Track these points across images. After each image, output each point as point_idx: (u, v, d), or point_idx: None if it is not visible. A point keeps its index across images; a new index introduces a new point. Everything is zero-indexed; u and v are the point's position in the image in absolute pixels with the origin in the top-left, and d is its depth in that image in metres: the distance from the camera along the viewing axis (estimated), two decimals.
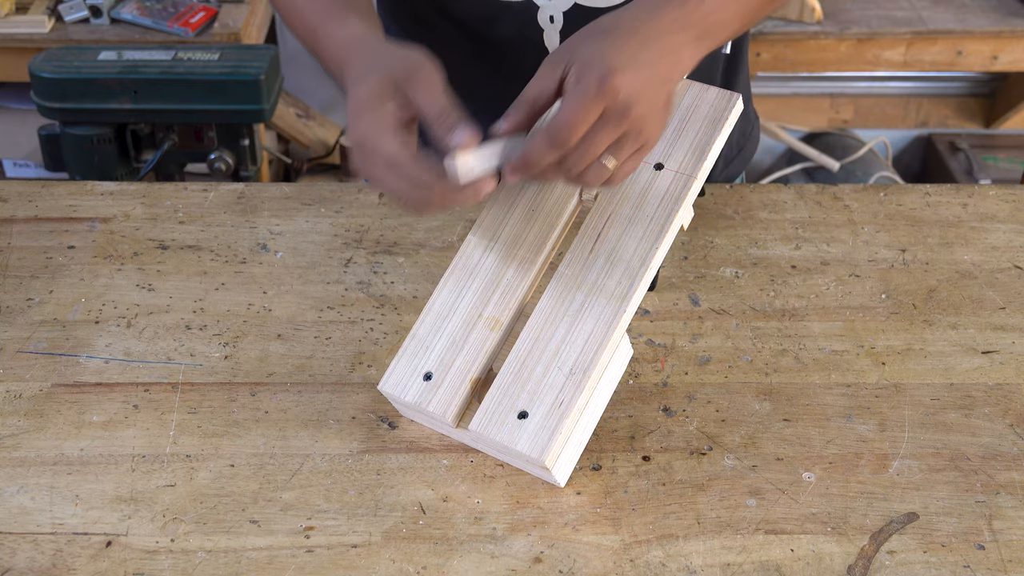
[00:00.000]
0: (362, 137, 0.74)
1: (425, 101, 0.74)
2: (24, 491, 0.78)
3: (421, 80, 0.75)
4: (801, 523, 0.77)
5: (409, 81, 0.75)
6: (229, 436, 0.83)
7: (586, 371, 0.75)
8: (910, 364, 0.90)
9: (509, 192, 0.83)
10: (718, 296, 0.97)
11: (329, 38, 0.83)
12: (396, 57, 0.77)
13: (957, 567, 0.74)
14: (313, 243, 1.03)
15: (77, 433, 0.83)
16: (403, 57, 0.77)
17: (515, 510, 0.77)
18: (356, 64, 0.79)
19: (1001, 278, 1.00)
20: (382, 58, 0.78)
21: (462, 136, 0.72)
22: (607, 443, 0.82)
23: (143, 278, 0.99)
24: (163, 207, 1.08)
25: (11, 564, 0.73)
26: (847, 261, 1.01)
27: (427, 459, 0.81)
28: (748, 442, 0.83)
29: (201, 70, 1.78)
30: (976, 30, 2.31)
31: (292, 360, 0.90)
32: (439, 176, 0.73)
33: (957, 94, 2.81)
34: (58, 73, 1.77)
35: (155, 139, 1.86)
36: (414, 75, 0.75)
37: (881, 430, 0.84)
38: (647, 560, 0.74)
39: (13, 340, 0.92)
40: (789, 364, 0.90)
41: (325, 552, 0.74)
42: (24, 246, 1.02)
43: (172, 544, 0.75)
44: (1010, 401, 0.87)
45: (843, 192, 1.11)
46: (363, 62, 0.78)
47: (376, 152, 0.74)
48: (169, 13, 2.20)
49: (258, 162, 1.91)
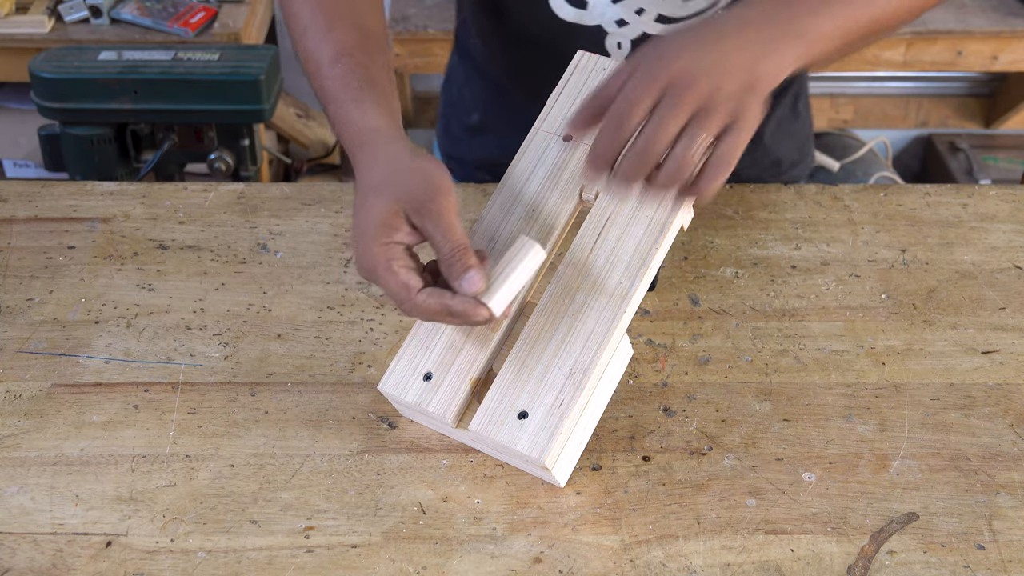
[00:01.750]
0: (370, 267, 0.73)
1: (439, 236, 0.73)
2: (24, 491, 0.78)
3: (435, 211, 0.72)
4: (801, 523, 0.77)
5: (423, 211, 0.73)
6: (229, 436, 0.83)
7: (586, 371, 0.75)
8: (910, 364, 0.90)
9: (509, 193, 0.83)
10: (718, 296, 0.97)
11: (347, 120, 0.80)
12: (412, 175, 0.75)
13: (957, 567, 0.74)
14: (313, 243, 1.03)
15: (77, 433, 0.83)
16: (420, 177, 0.74)
17: (515, 510, 0.77)
18: (370, 167, 0.77)
19: (1001, 278, 1.00)
20: (398, 174, 0.75)
21: (474, 284, 0.72)
22: (607, 443, 0.82)
23: (143, 278, 0.99)
24: (163, 207, 1.08)
25: (11, 564, 0.73)
26: (847, 261, 1.01)
27: (427, 459, 0.81)
28: (748, 442, 0.83)
29: (201, 70, 1.78)
30: (976, 30, 2.31)
31: (292, 360, 0.90)
32: (446, 310, 0.72)
33: (957, 94, 2.81)
34: (58, 73, 1.77)
35: (155, 139, 1.86)
36: (429, 203, 0.73)
37: (881, 430, 0.84)
38: (647, 560, 0.74)
39: (13, 340, 0.92)
40: (789, 364, 0.90)
41: (325, 552, 0.74)
42: (24, 246, 1.02)
43: (172, 544, 0.75)
44: (1010, 401, 0.87)
45: (843, 192, 1.11)
46: (378, 169, 0.76)
47: (381, 283, 0.74)
48: (169, 13, 2.20)
49: (258, 162, 1.91)
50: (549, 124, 0.85)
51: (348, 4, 0.85)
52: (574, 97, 0.85)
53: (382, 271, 0.73)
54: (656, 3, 0.95)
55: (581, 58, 0.87)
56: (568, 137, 0.83)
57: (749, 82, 0.71)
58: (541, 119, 0.85)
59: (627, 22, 0.96)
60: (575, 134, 0.74)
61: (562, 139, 0.83)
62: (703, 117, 0.70)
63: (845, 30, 0.76)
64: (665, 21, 0.96)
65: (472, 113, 1.16)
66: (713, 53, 0.71)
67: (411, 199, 0.73)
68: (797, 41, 0.74)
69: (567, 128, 0.75)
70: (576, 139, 0.83)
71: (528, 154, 0.84)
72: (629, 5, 0.95)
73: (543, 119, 0.85)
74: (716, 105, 0.70)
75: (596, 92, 0.74)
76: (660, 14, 0.95)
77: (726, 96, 0.70)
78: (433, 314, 0.73)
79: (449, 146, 1.21)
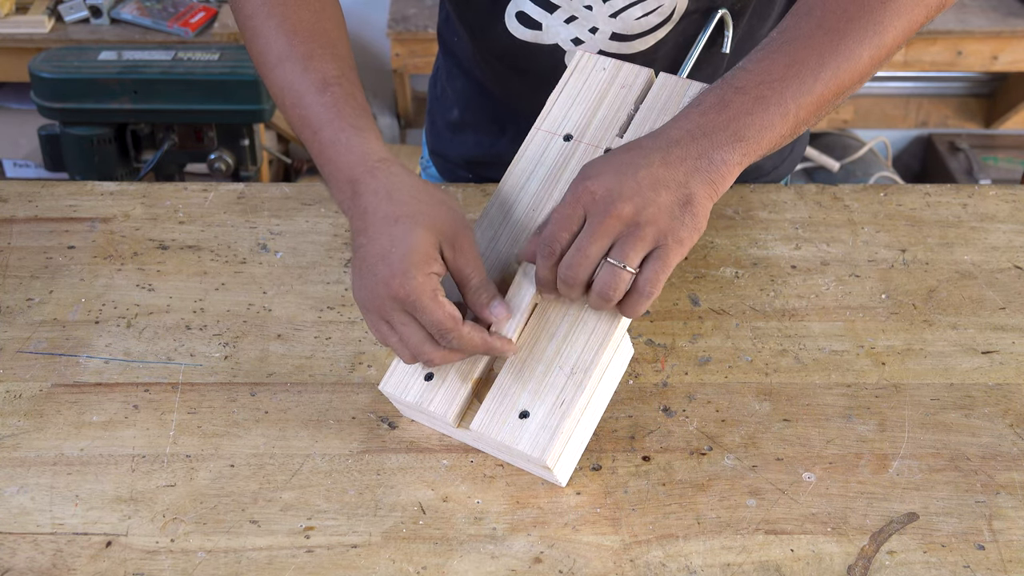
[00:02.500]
0: (410, 296, 0.72)
1: (469, 269, 0.75)
2: (24, 491, 0.78)
3: (466, 244, 0.75)
4: (801, 523, 0.77)
5: (455, 244, 0.75)
6: (229, 436, 0.83)
7: (587, 371, 0.75)
8: (910, 364, 0.90)
9: (509, 193, 0.83)
10: (718, 296, 0.97)
11: (347, 147, 0.78)
12: (439, 207, 0.76)
13: (957, 567, 0.74)
14: (313, 243, 1.03)
15: (77, 433, 0.83)
16: (446, 209, 0.76)
17: (515, 510, 0.77)
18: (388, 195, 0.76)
19: (1001, 278, 1.00)
20: (427, 206, 0.75)
21: (502, 312, 0.76)
22: (607, 443, 0.82)
23: (143, 278, 0.99)
24: (163, 207, 1.08)
25: (11, 564, 0.73)
26: (847, 261, 1.01)
27: (427, 459, 0.81)
28: (748, 442, 0.83)
29: (201, 70, 1.78)
30: (976, 30, 2.31)
31: (292, 360, 0.90)
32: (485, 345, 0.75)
33: (957, 94, 2.81)
34: (58, 73, 1.77)
35: (155, 139, 1.87)
36: (460, 237, 0.75)
37: (881, 430, 0.84)
38: (647, 560, 0.74)
39: (13, 340, 0.92)
40: (789, 364, 0.90)
41: (325, 552, 0.74)
42: (24, 246, 1.02)
43: (172, 544, 0.75)
44: (1010, 401, 0.87)
45: (843, 192, 1.11)
46: (402, 199, 0.75)
47: (424, 313, 0.73)
48: (169, 13, 2.20)
49: (258, 162, 1.91)
50: (549, 124, 0.85)
51: (324, 35, 0.84)
52: (574, 97, 0.85)
53: (428, 300, 0.72)
54: (609, 22, 0.95)
55: (581, 58, 0.87)
56: (568, 136, 0.83)
57: (679, 200, 0.71)
58: (541, 119, 0.85)
59: (582, 40, 0.97)
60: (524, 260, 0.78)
61: (562, 139, 0.84)
62: (624, 243, 0.71)
63: (791, 117, 0.74)
64: (619, 39, 0.97)
65: (453, 109, 1.17)
66: (638, 174, 0.71)
67: (444, 231, 0.75)
68: (737, 145, 0.72)
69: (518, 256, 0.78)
70: (576, 138, 0.83)
71: (528, 154, 0.84)
72: (583, 24, 0.96)
73: (543, 119, 0.85)
74: (638, 229, 0.71)
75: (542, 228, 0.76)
76: (614, 32, 0.96)
77: (649, 218, 0.71)
78: (473, 347, 0.74)
79: (434, 141, 1.22)
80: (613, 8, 0.94)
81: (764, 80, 0.73)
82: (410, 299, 0.72)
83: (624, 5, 0.94)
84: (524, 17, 0.97)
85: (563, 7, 0.95)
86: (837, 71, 0.74)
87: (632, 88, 0.84)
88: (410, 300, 0.72)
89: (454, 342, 0.74)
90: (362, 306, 0.76)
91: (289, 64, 0.82)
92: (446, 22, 1.14)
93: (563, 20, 0.96)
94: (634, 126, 0.83)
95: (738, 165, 0.73)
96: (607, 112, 0.84)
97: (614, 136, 0.83)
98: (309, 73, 0.81)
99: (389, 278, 0.73)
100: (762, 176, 1.17)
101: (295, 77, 0.82)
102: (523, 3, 0.96)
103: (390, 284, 0.73)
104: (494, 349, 0.76)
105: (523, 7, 0.96)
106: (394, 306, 0.74)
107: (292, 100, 0.82)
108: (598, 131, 0.83)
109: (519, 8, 0.96)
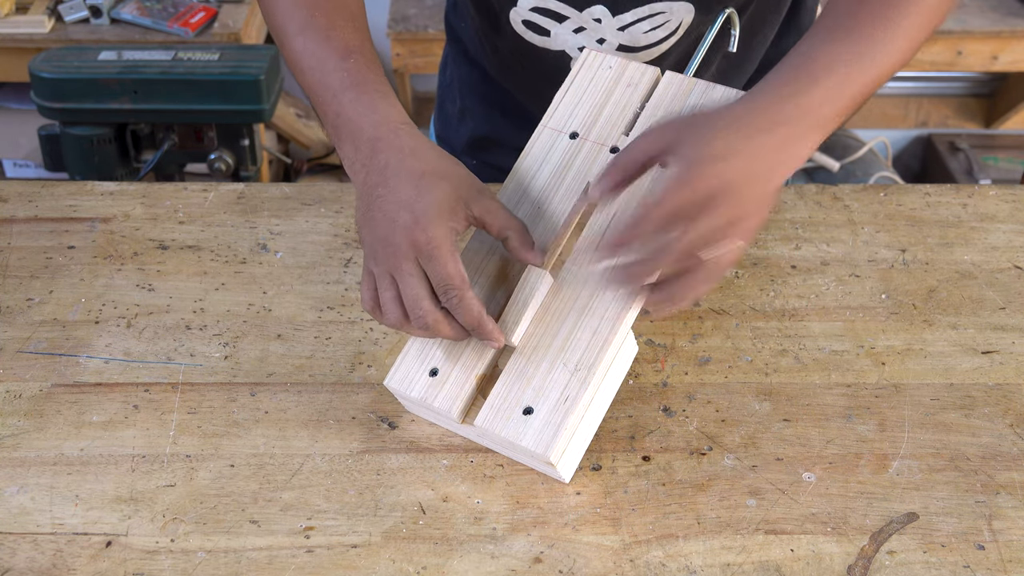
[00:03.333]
0: (429, 245, 0.72)
1: (503, 218, 0.76)
2: (24, 491, 0.78)
3: (491, 200, 0.77)
4: (801, 523, 0.77)
5: (480, 201, 0.76)
6: (229, 436, 0.83)
7: (591, 367, 0.75)
8: (910, 364, 0.90)
9: (515, 190, 0.83)
10: (718, 296, 0.97)
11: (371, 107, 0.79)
12: (460, 167, 0.77)
13: (957, 567, 0.74)
14: (313, 243, 1.03)
15: (77, 433, 0.83)
16: (466, 172, 0.77)
17: (515, 510, 0.77)
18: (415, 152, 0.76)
19: (1001, 278, 1.00)
20: (453, 165, 0.77)
21: (538, 259, 0.77)
22: (607, 443, 0.82)
23: (143, 278, 0.99)
24: (163, 207, 1.08)
25: (11, 564, 0.73)
26: (847, 261, 1.01)
27: (427, 459, 0.81)
28: (748, 442, 0.83)
29: (201, 70, 1.78)
30: (976, 30, 2.31)
31: (292, 360, 0.90)
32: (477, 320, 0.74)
33: (957, 94, 2.81)
34: (58, 73, 1.77)
35: (155, 139, 1.86)
36: (484, 194, 0.76)
37: (881, 430, 0.84)
38: (647, 560, 0.74)
39: (13, 340, 0.92)
40: (789, 364, 0.90)
41: (325, 552, 0.74)
42: (24, 246, 1.02)
43: (172, 544, 0.75)
44: (1010, 401, 0.87)
45: (843, 192, 1.11)
46: (429, 156, 0.76)
47: (438, 265, 0.73)
48: (169, 13, 2.20)
49: (258, 162, 1.91)
50: (556, 121, 0.85)
51: (345, 8, 0.85)
52: (580, 95, 0.85)
53: (446, 252, 0.73)
54: (617, 35, 0.96)
55: (587, 56, 0.87)
56: (575, 134, 0.84)
57: (767, 194, 0.71)
58: (548, 116, 0.85)
59: None
60: (601, 197, 0.74)
61: (568, 136, 0.84)
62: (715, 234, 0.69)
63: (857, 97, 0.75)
64: (626, 50, 0.97)
65: (457, 96, 1.17)
66: (746, 161, 0.69)
67: (468, 189, 0.76)
68: (815, 133, 0.73)
69: (592, 190, 0.75)
70: (582, 136, 0.83)
71: (534, 151, 0.84)
72: (591, 35, 0.96)
73: (550, 116, 0.85)
74: (729, 224, 0.69)
75: (619, 161, 0.73)
76: (621, 44, 0.97)
77: (743, 216, 0.70)
78: (468, 316, 0.74)
79: (441, 128, 1.23)
80: (622, 22, 0.95)
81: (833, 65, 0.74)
82: (430, 246, 0.72)
83: (633, 20, 0.94)
84: (532, 24, 0.97)
85: (572, 18, 0.96)
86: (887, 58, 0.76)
87: (638, 87, 0.85)
88: (429, 247, 0.72)
89: (454, 301, 0.73)
90: (372, 253, 0.76)
91: (311, 32, 0.83)
92: (454, 8, 1.15)
93: (571, 30, 0.97)
94: (640, 124, 0.83)
95: (805, 159, 0.74)
96: (613, 110, 0.84)
97: (620, 134, 0.83)
98: (331, 42, 0.82)
99: (412, 224, 0.73)
100: None
101: (316, 45, 0.82)
102: (531, 13, 0.96)
103: (412, 230, 0.73)
104: (484, 329, 0.75)
105: (531, 17, 0.96)
106: (408, 253, 0.73)
107: (312, 65, 0.82)
108: (604, 129, 0.83)
109: (525, 17, 0.97)
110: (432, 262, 0.73)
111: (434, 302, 0.74)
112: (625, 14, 0.94)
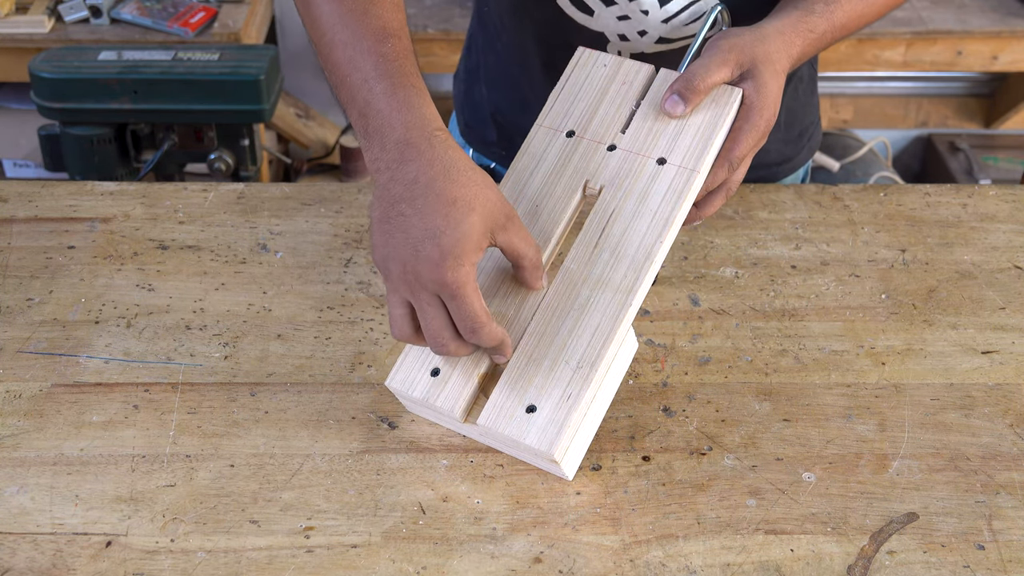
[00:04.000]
0: (456, 284, 0.70)
1: (524, 247, 0.76)
2: (24, 491, 0.78)
3: (517, 225, 0.75)
4: (801, 523, 0.77)
5: (506, 226, 0.74)
6: (229, 436, 0.83)
7: (593, 364, 0.75)
8: (910, 364, 0.90)
9: (512, 189, 0.83)
10: (718, 296, 0.97)
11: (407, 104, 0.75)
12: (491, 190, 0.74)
13: (957, 567, 0.74)
14: (313, 243, 1.03)
15: (77, 433, 0.83)
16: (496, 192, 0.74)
17: (515, 510, 0.77)
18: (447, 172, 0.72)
19: (1001, 278, 1.00)
20: (484, 190, 0.73)
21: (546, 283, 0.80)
22: (607, 443, 0.82)
23: (143, 278, 0.99)
24: (163, 207, 1.08)
25: (11, 564, 0.73)
26: (847, 261, 1.01)
27: (427, 459, 0.81)
28: (748, 442, 0.83)
29: (201, 70, 1.78)
30: (976, 30, 2.31)
31: (292, 360, 0.90)
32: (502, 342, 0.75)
33: (957, 94, 2.81)
34: (58, 73, 1.77)
35: (155, 139, 1.87)
36: (511, 219, 0.74)
37: (881, 430, 0.84)
38: (647, 560, 0.74)
39: (13, 340, 0.92)
40: (789, 364, 0.90)
41: (325, 552, 0.74)
42: (24, 246, 1.02)
43: (172, 544, 0.75)
44: (1010, 401, 0.87)
45: (843, 192, 1.11)
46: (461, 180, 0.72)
47: (463, 303, 0.71)
48: (169, 13, 2.20)
49: (258, 162, 1.91)
50: (551, 120, 0.85)
51: None
52: (575, 93, 0.85)
53: (471, 291, 0.71)
54: (660, 27, 0.97)
55: (581, 55, 0.87)
56: (571, 133, 0.84)
57: None
58: (543, 115, 0.85)
59: (629, 39, 0.99)
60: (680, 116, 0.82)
61: (565, 135, 0.84)
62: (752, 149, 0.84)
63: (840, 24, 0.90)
64: (664, 42, 0.99)
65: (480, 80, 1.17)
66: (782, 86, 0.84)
67: (496, 216, 0.73)
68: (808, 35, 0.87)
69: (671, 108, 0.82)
70: (579, 134, 0.83)
71: (530, 150, 0.84)
72: (633, 25, 0.97)
73: (545, 115, 0.85)
74: None
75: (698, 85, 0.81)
76: (661, 36, 0.98)
77: None
78: (491, 343, 0.74)
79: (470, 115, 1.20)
80: (667, 14, 0.96)
81: None
82: (454, 286, 0.70)
83: (677, 10, 0.96)
84: (578, 2, 0.98)
85: (620, 4, 0.96)
86: None
87: (633, 85, 0.85)
88: (454, 287, 0.70)
89: (481, 336, 0.73)
90: (389, 277, 0.73)
91: (349, 2, 0.78)
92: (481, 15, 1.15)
93: (616, 16, 0.97)
94: (636, 123, 0.83)
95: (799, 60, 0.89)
96: (608, 109, 0.84)
97: (616, 132, 0.83)
98: (369, 18, 0.77)
99: (438, 260, 0.70)
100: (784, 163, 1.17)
101: (353, 18, 0.77)
102: None
103: (438, 268, 0.70)
104: (505, 348, 0.75)
105: None
106: (429, 287, 0.71)
107: (344, 39, 0.77)
108: (600, 127, 0.83)
109: None
110: (455, 301, 0.71)
111: (454, 333, 0.73)
112: (670, 5, 0.95)
